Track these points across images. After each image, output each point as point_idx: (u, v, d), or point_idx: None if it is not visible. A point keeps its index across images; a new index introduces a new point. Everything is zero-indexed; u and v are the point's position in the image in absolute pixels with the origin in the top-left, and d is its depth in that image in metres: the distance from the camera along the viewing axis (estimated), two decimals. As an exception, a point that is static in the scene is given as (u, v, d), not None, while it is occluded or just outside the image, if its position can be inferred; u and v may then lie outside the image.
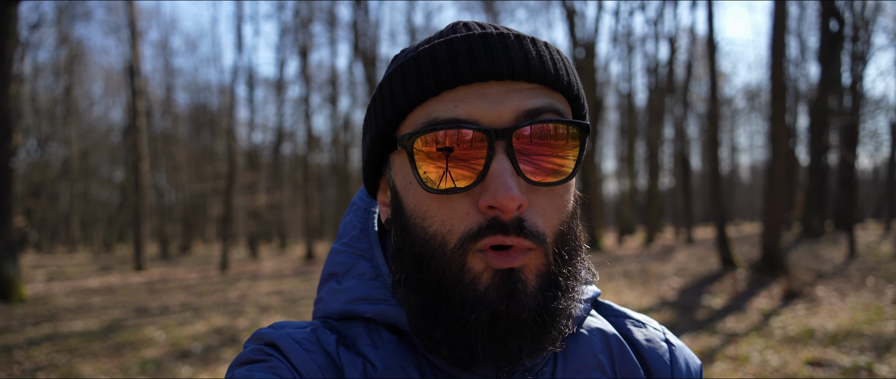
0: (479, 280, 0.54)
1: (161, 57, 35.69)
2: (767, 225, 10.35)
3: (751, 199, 49.24)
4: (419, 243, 0.57)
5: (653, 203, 23.48)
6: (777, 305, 7.95)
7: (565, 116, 0.58)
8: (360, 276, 0.66)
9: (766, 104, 26.91)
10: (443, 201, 0.55)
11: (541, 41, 0.59)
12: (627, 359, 0.67)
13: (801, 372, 4.97)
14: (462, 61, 0.54)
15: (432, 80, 0.55)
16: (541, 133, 0.55)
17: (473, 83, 0.54)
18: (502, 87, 0.55)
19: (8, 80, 10.52)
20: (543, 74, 0.56)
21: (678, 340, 0.73)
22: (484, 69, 0.54)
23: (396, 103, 0.57)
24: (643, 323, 0.73)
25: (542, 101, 0.56)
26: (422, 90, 0.55)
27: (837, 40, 16.58)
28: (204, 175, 30.65)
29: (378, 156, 0.63)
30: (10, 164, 10.73)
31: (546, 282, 0.55)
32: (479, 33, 0.56)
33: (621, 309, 0.74)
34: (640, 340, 0.70)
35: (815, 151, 18.18)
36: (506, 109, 0.54)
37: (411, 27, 27.10)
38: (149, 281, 14.66)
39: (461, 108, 0.54)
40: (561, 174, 0.56)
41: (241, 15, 25.43)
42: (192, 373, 5.64)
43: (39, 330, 7.90)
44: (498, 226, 0.53)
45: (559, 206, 0.57)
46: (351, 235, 0.71)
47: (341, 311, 0.64)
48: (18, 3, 10.71)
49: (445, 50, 0.56)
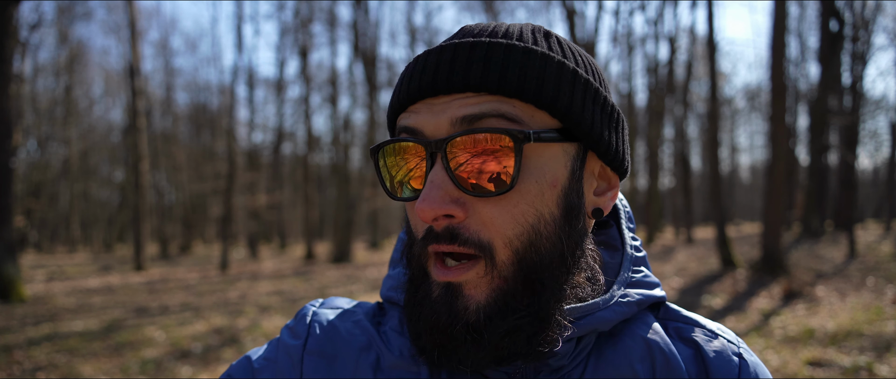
0: (433, 287, 0.58)
1: (161, 57, 35.74)
2: (767, 225, 10.35)
3: (751, 199, 49.26)
4: (408, 241, 0.62)
5: (653, 203, 23.48)
6: (777, 304, 7.95)
7: (517, 122, 0.54)
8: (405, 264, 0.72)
9: (766, 104, 26.90)
10: (411, 206, 0.59)
11: (521, 47, 0.56)
12: (673, 371, 0.62)
13: (801, 372, 4.97)
14: (415, 78, 0.58)
15: (398, 96, 0.59)
16: (474, 142, 0.53)
17: (427, 98, 0.57)
18: (449, 98, 0.55)
19: (8, 80, 10.52)
20: (484, 82, 0.54)
21: (754, 356, 0.67)
22: (427, 84, 0.56)
23: (388, 114, 0.63)
24: (716, 333, 0.67)
25: (482, 107, 0.54)
26: (397, 103, 0.60)
27: (837, 40, 16.58)
28: (204, 175, 30.65)
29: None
30: (10, 164, 10.73)
31: (495, 298, 0.55)
32: (438, 47, 0.59)
33: (691, 316, 0.69)
34: (707, 352, 0.64)
35: (815, 151, 18.18)
36: (443, 119, 0.55)
37: (411, 27, 27.11)
38: (149, 281, 14.66)
39: (412, 119, 0.57)
40: (502, 183, 0.54)
41: (241, 15, 25.45)
42: (192, 373, 5.64)
43: (39, 330, 7.90)
44: (432, 234, 0.55)
45: (513, 216, 0.54)
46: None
47: (385, 296, 0.71)
48: (18, 3, 10.72)
49: (414, 66, 0.59)
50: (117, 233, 38.89)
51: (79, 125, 34.50)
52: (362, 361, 0.64)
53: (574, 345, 0.61)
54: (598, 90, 0.59)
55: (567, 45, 0.61)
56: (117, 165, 38.04)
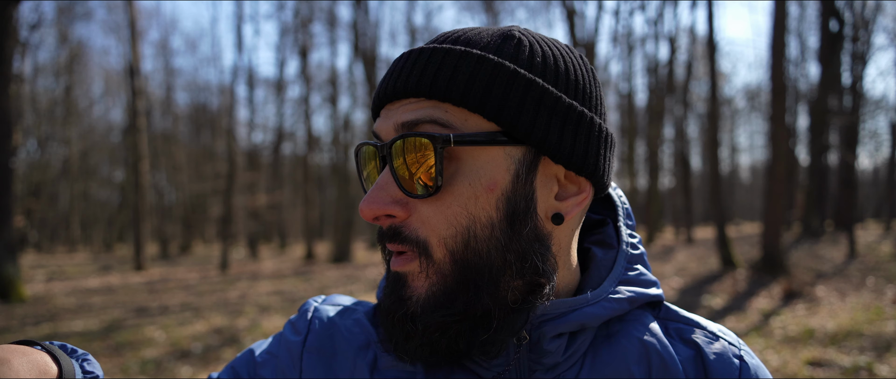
0: (390, 277, 0.62)
1: (161, 57, 35.72)
2: (767, 225, 10.35)
3: (751, 199, 49.25)
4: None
5: (653, 203, 23.48)
6: (777, 304, 7.95)
7: (450, 126, 0.55)
8: None
9: (766, 104, 26.90)
10: None
11: (442, 51, 0.57)
12: (671, 370, 0.62)
13: (801, 372, 4.97)
14: (380, 85, 0.61)
15: (376, 100, 0.62)
16: (406, 146, 0.56)
17: (388, 103, 0.60)
18: (399, 104, 0.59)
19: (8, 80, 10.52)
20: (421, 88, 0.56)
21: (755, 358, 0.67)
22: (383, 92, 0.60)
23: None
24: (716, 335, 0.67)
25: (419, 113, 0.56)
26: (375, 108, 0.63)
27: (837, 40, 16.58)
28: (204, 175, 30.67)
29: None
30: (10, 164, 10.73)
31: (434, 291, 0.56)
32: (400, 55, 0.62)
33: (692, 317, 0.69)
34: (707, 353, 0.64)
35: (815, 151, 18.18)
36: (390, 125, 0.59)
37: (411, 27, 27.10)
38: (149, 281, 14.66)
39: (376, 124, 0.62)
40: (429, 186, 0.55)
41: (241, 15, 25.45)
42: (192, 373, 5.64)
43: (39, 330, 7.90)
44: (381, 231, 0.60)
45: (446, 217, 0.56)
46: None
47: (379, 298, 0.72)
48: (18, 3, 10.71)
49: (386, 72, 0.63)
50: (117, 233, 38.88)
51: (79, 125, 34.49)
52: (360, 361, 0.65)
53: (566, 342, 0.61)
54: (547, 91, 0.56)
55: (536, 47, 0.59)
56: (117, 165, 38.04)
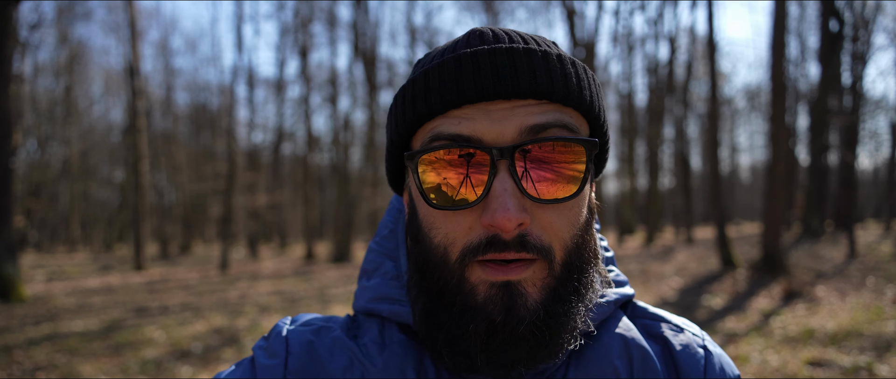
0: (476, 291, 0.55)
1: (161, 57, 35.71)
2: (767, 225, 10.35)
3: (751, 199, 49.26)
4: (425, 252, 0.59)
5: (653, 203, 23.48)
6: (777, 304, 7.95)
7: (576, 131, 0.57)
8: (383, 275, 0.70)
9: (766, 104, 26.92)
10: (448, 215, 0.56)
11: (556, 54, 0.58)
12: (649, 366, 0.64)
13: (801, 372, 4.97)
14: (467, 80, 0.55)
15: (438, 99, 0.56)
16: (547, 150, 0.55)
17: (479, 102, 0.55)
18: (508, 104, 0.55)
19: (8, 80, 10.51)
20: (551, 91, 0.56)
21: (718, 347, 0.71)
22: (488, 88, 0.54)
23: (406, 119, 0.59)
24: (681, 327, 0.70)
25: (548, 116, 0.55)
26: (428, 107, 0.57)
27: (837, 40, 16.58)
28: (204, 175, 30.67)
29: (396, 162, 0.65)
30: (10, 164, 10.73)
31: (550, 295, 0.56)
32: (487, 49, 0.56)
33: (657, 312, 0.72)
34: (674, 346, 0.67)
35: (815, 151, 18.19)
36: (509, 127, 0.54)
37: (411, 27, 27.09)
38: (149, 281, 14.66)
39: (465, 126, 0.55)
40: (567, 190, 0.55)
41: (241, 15, 25.44)
42: (192, 373, 5.64)
43: (39, 330, 7.90)
44: (498, 243, 0.54)
45: (569, 219, 0.57)
46: (382, 235, 0.74)
47: (364, 308, 0.69)
48: (18, 3, 10.71)
49: (453, 66, 0.56)
50: (117, 233, 38.88)
51: (79, 125, 34.49)
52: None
53: None
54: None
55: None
56: (117, 165, 38.05)
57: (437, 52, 0.62)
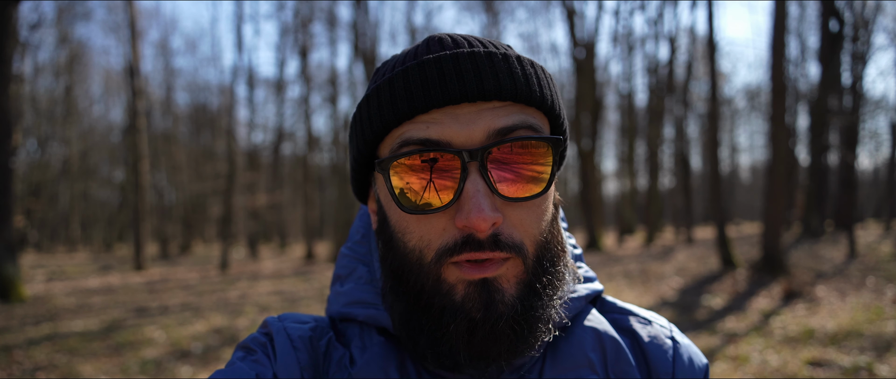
0: (454, 291, 0.56)
1: (161, 57, 35.71)
2: (767, 225, 10.35)
3: (751, 199, 49.24)
4: (400, 256, 0.59)
5: (653, 203, 23.48)
6: (777, 304, 7.95)
7: (540, 131, 0.59)
8: (357, 279, 0.70)
9: (766, 104, 26.92)
10: (420, 219, 0.57)
11: (515, 56, 0.59)
12: (622, 357, 0.67)
13: (801, 372, 4.97)
14: (433, 85, 0.56)
15: (405, 104, 0.56)
16: (514, 150, 0.56)
17: (445, 105, 0.56)
18: (474, 106, 0.56)
19: (8, 80, 10.51)
20: (514, 92, 0.57)
21: (685, 338, 0.73)
22: (454, 92, 0.55)
23: (372, 126, 0.59)
24: (649, 320, 0.73)
25: (514, 118, 0.57)
26: (395, 114, 0.57)
27: (837, 40, 16.58)
28: (204, 175, 30.67)
29: (363, 170, 0.65)
30: (10, 164, 10.73)
31: (525, 290, 0.57)
32: (450, 54, 0.57)
33: (625, 306, 0.74)
34: (643, 337, 0.70)
35: (815, 151, 18.18)
36: (477, 129, 0.55)
37: (411, 27, 27.08)
38: (149, 281, 14.66)
39: (433, 130, 0.55)
40: (535, 188, 0.57)
41: (241, 15, 25.44)
42: (192, 373, 5.64)
43: (39, 330, 7.90)
44: (473, 243, 0.55)
45: (538, 216, 0.59)
46: (354, 240, 0.74)
47: (339, 313, 0.69)
48: (18, 3, 10.71)
49: (417, 73, 0.57)
50: (117, 233, 38.87)
51: (79, 125, 34.49)
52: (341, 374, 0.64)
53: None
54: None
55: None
56: (117, 165, 38.02)
57: (398, 61, 0.62)
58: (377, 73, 0.64)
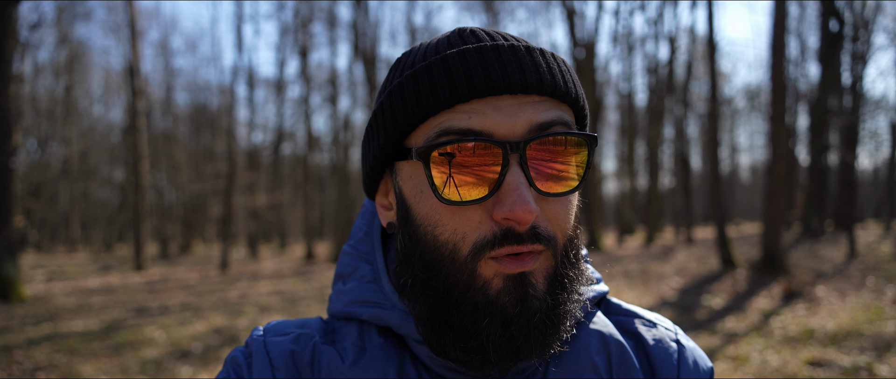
0: (489, 285, 0.56)
1: (161, 57, 35.73)
2: (767, 225, 10.35)
3: (751, 199, 49.24)
4: (429, 251, 0.58)
5: (653, 203, 23.48)
6: (777, 304, 7.95)
7: (572, 127, 0.59)
8: (360, 278, 0.69)
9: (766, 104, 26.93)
10: (455, 211, 0.56)
11: (548, 52, 0.60)
12: (626, 361, 0.66)
13: (801, 372, 4.97)
14: (477, 74, 0.55)
15: (447, 92, 0.55)
16: (552, 145, 0.57)
17: (487, 96, 0.55)
18: (515, 100, 0.56)
19: (8, 80, 10.51)
20: (553, 88, 0.57)
21: (691, 341, 0.73)
22: (498, 83, 0.55)
23: (408, 113, 0.57)
24: (654, 323, 0.72)
25: (552, 113, 0.57)
26: (436, 102, 0.56)
27: (837, 40, 16.58)
28: (204, 175, 30.67)
29: (384, 162, 0.63)
30: (10, 164, 10.73)
31: (554, 284, 0.57)
32: (490, 45, 0.57)
33: (631, 308, 0.74)
34: (648, 340, 0.69)
35: (815, 151, 18.18)
36: (519, 122, 0.55)
37: (411, 27, 27.09)
38: (149, 281, 14.66)
39: (475, 120, 0.55)
40: (570, 184, 0.58)
41: (241, 15, 25.45)
42: (192, 373, 5.65)
43: (39, 330, 7.90)
44: (513, 236, 0.55)
45: (567, 212, 0.59)
46: (357, 238, 0.73)
47: (342, 312, 0.68)
48: (18, 3, 10.71)
49: (459, 62, 0.56)
50: (117, 233, 38.87)
51: (79, 125, 34.50)
52: None
53: None
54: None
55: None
56: (117, 165, 38.02)
57: (430, 49, 0.60)
58: (402, 62, 0.62)
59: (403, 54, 0.64)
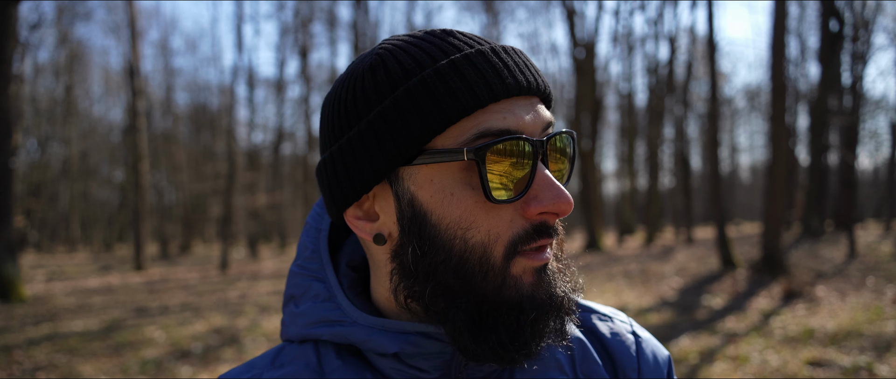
0: (521, 281, 0.57)
1: (161, 57, 35.74)
2: (767, 225, 10.35)
3: (751, 199, 49.26)
4: (457, 255, 0.56)
5: (653, 203, 23.48)
6: (777, 305, 7.95)
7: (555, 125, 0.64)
8: (314, 298, 0.66)
9: (766, 104, 26.92)
10: (491, 211, 0.56)
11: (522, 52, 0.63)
12: (588, 356, 0.68)
13: (801, 372, 4.97)
14: (504, 75, 0.56)
15: (485, 91, 0.55)
16: (556, 143, 0.60)
17: (512, 97, 0.57)
18: (527, 100, 0.58)
19: (8, 80, 10.51)
20: (546, 88, 0.61)
21: (646, 332, 0.75)
22: (523, 83, 0.57)
23: (445, 112, 0.54)
24: (609, 316, 0.74)
25: (548, 113, 0.61)
26: (475, 100, 0.54)
27: (837, 40, 16.58)
28: (204, 175, 30.67)
29: (388, 170, 0.58)
30: (10, 164, 10.73)
31: (560, 272, 0.61)
32: (501, 47, 0.59)
33: (586, 303, 0.75)
34: (605, 334, 0.71)
35: (815, 151, 18.18)
36: (538, 122, 0.58)
37: (411, 27, 27.10)
38: (149, 281, 14.66)
39: (510, 120, 0.56)
40: (565, 177, 0.62)
41: (241, 15, 25.45)
42: (192, 373, 5.65)
43: (39, 330, 7.90)
44: (545, 230, 0.57)
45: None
46: (304, 257, 0.69)
47: (300, 335, 0.65)
48: (18, 3, 10.71)
49: (485, 61, 0.56)
50: (117, 233, 38.88)
51: (79, 125, 34.50)
52: None
53: None
54: None
55: None
56: (117, 165, 38.02)
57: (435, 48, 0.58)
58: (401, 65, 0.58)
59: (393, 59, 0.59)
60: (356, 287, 0.68)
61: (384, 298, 0.64)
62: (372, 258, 0.64)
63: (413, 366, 0.60)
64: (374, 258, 0.64)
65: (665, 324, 7.14)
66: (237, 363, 6.12)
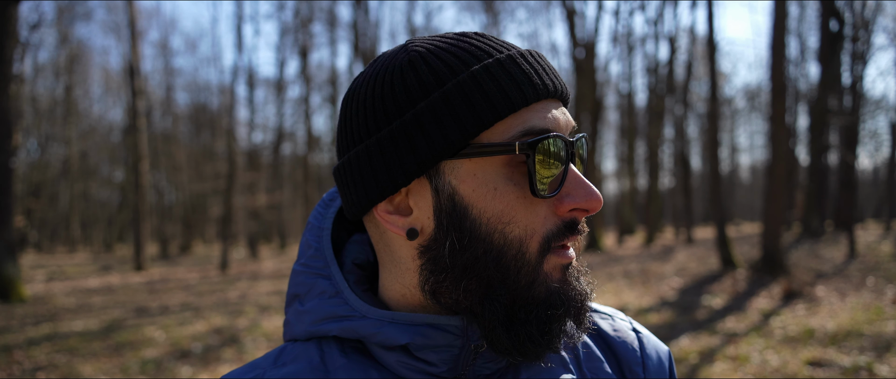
0: (551, 277, 0.59)
1: (161, 57, 35.74)
2: (767, 225, 10.35)
3: (751, 199, 49.25)
4: (495, 251, 0.57)
5: (653, 203, 23.48)
6: (777, 304, 7.95)
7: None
8: (320, 295, 0.65)
9: (766, 104, 26.91)
10: (529, 206, 0.57)
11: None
12: (592, 355, 0.69)
13: (801, 372, 4.97)
14: (543, 76, 0.59)
15: (530, 90, 0.58)
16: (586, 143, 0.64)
17: (546, 99, 0.60)
18: (555, 102, 0.61)
19: (8, 80, 10.52)
20: (567, 93, 0.64)
21: (645, 328, 0.76)
22: (557, 86, 0.61)
23: (495, 108, 0.56)
24: (610, 315, 0.75)
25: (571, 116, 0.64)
26: (523, 98, 0.57)
27: (837, 40, 16.58)
28: (204, 175, 30.67)
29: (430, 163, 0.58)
30: (10, 164, 10.73)
31: (582, 272, 0.62)
32: (532, 50, 0.62)
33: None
34: (608, 332, 0.72)
35: (815, 151, 18.19)
36: (568, 123, 0.61)
37: (411, 27, 27.10)
38: (149, 281, 14.66)
39: (549, 121, 0.58)
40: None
41: (241, 15, 25.43)
42: (192, 373, 5.65)
43: (39, 330, 7.90)
44: (574, 227, 0.59)
45: None
46: (308, 255, 0.69)
47: (307, 332, 0.65)
48: (18, 3, 10.71)
49: (526, 62, 0.59)
50: (117, 233, 38.88)
51: (79, 125, 34.50)
52: None
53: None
54: None
55: None
56: (117, 165, 38.04)
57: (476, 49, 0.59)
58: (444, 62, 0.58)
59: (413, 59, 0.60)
60: (361, 284, 0.68)
61: (398, 293, 0.63)
62: (391, 254, 0.63)
63: (421, 359, 0.60)
64: (394, 254, 0.63)
65: (665, 324, 7.14)
66: (237, 363, 6.09)
